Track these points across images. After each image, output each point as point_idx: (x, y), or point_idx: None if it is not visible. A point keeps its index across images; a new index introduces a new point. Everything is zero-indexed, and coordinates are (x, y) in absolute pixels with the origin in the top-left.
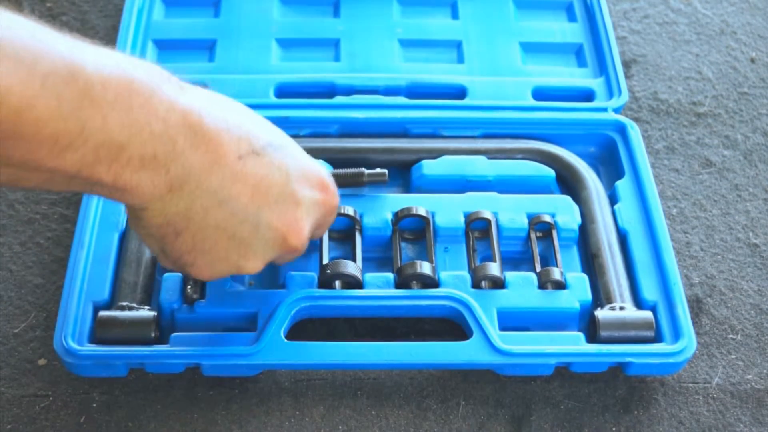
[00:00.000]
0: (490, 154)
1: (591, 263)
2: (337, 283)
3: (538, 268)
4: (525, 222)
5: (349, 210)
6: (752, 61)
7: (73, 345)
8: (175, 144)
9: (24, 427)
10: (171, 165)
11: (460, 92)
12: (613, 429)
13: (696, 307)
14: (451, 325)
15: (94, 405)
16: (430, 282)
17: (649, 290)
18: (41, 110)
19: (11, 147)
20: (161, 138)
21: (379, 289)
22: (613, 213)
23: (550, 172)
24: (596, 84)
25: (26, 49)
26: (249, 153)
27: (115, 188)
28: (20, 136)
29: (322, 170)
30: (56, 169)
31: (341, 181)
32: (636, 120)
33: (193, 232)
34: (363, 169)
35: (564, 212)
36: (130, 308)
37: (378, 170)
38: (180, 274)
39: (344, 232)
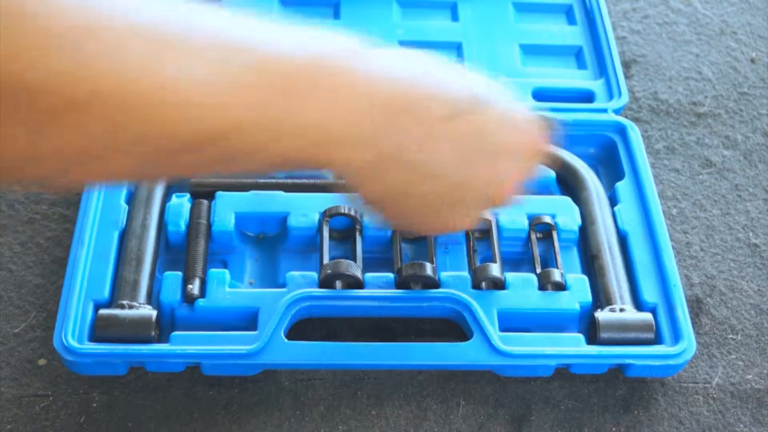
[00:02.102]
0: None
1: (591, 265)
2: (338, 283)
3: (539, 269)
4: (525, 223)
5: (350, 210)
6: (752, 61)
7: (73, 343)
8: (379, 119)
9: (24, 427)
10: (379, 140)
11: None
12: (613, 429)
13: (696, 307)
14: (452, 326)
15: (94, 405)
16: (431, 282)
17: (649, 292)
18: (240, 108)
19: (223, 148)
20: (366, 115)
21: (379, 290)
22: (613, 214)
23: (550, 173)
24: (596, 85)
25: (215, 44)
26: (449, 116)
27: (328, 165)
28: (229, 136)
29: (522, 113)
30: (264, 161)
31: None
32: (636, 120)
33: (409, 199)
34: None
35: (564, 213)
36: (131, 307)
37: None
38: (179, 273)
39: (344, 232)
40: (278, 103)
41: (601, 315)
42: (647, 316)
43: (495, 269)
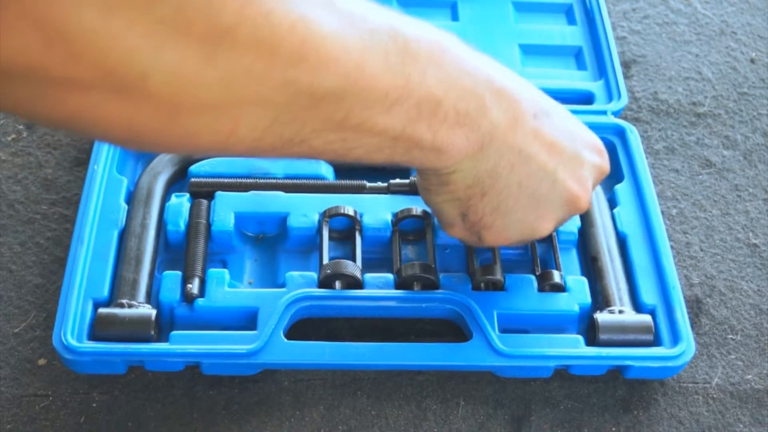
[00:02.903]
0: None
1: (590, 266)
2: (337, 283)
3: (538, 271)
4: None
5: (349, 210)
6: (752, 61)
7: (73, 342)
8: (484, 100)
9: (24, 427)
10: (481, 121)
11: None
12: (613, 429)
13: (696, 307)
14: (451, 326)
15: (94, 405)
16: (430, 283)
17: (648, 294)
18: (374, 65)
19: (350, 104)
20: (472, 94)
21: (379, 290)
22: (613, 217)
23: None
24: (596, 87)
25: (349, 2)
26: (541, 113)
27: (433, 148)
28: (359, 90)
29: (595, 135)
30: (385, 130)
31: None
32: (636, 120)
33: (499, 190)
34: (365, 182)
35: None
36: (130, 306)
37: (379, 184)
38: (179, 272)
39: (344, 232)
40: (404, 63)
41: (601, 316)
42: (646, 318)
43: (495, 270)
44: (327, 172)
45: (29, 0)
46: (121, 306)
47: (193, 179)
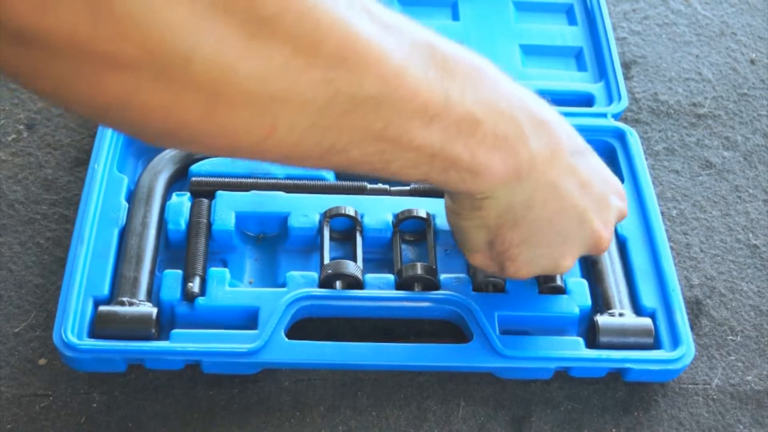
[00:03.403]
0: None
1: (591, 269)
2: (338, 283)
3: None
4: None
5: (350, 210)
6: (752, 62)
7: (73, 339)
8: (522, 127)
9: (24, 427)
10: (520, 148)
11: None
12: (613, 430)
13: (696, 308)
14: (452, 326)
15: (94, 405)
16: (431, 284)
17: (648, 297)
18: (413, 77)
19: (389, 114)
20: (510, 118)
21: (379, 290)
22: None
23: None
24: (596, 89)
25: (389, 16)
26: (576, 151)
27: (470, 169)
28: (398, 100)
29: (618, 180)
30: (423, 145)
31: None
32: (636, 121)
33: (530, 222)
34: (365, 183)
35: None
36: (131, 304)
37: (380, 186)
38: (180, 271)
39: (345, 232)
40: (443, 78)
41: (601, 319)
42: (646, 321)
43: None
44: (328, 173)
45: None
46: (122, 304)
47: (193, 178)
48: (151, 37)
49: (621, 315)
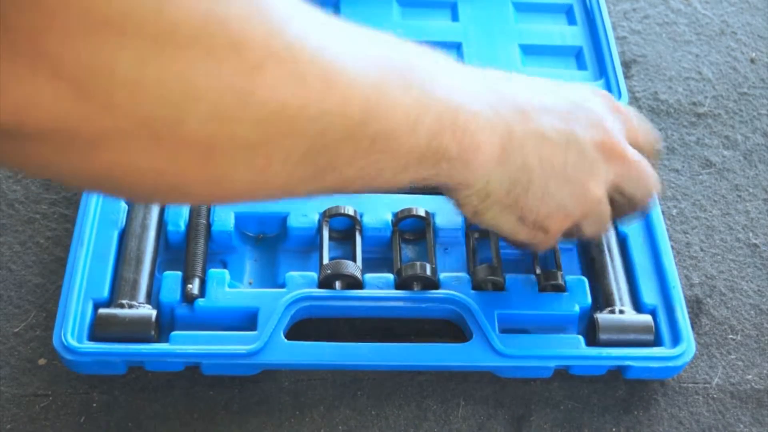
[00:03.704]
0: None
1: (590, 266)
2: (337, 283)
3: (538, 271)
4: None
5: (349, 210)
6: (752, 61)
7: (73, 342)
8: (493, 104)
9: (23, 427)
10: (497, 122)
11: None
12: (613, 429)
13: (696, 307)
14: (452, 325)
15: (94, 405)
16: (430, 283)
17: (649, 294)
18: (391, 85)
19: (375, 128)
20: (485, 97)
21: (379, 290)
22: None
23: None
24: (596, 87)
25: (353, 30)
26: (534, 95)
27: (460, 159)
28: (382, 112)
29: (598, 89)
30: (411, 149)
31: None
32: None
33: (538, 180)
34: None
35: None
36: (130, 306)
37: None
38: (179, 273)
39: (344, 232)
40: (418, 78)
41: (601, 317)
42: (647, 318)
43: (495, 270)
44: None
45: (61, 55)
46: (122, 306)
47: None
48: (142, 106)
49: (621, 312)
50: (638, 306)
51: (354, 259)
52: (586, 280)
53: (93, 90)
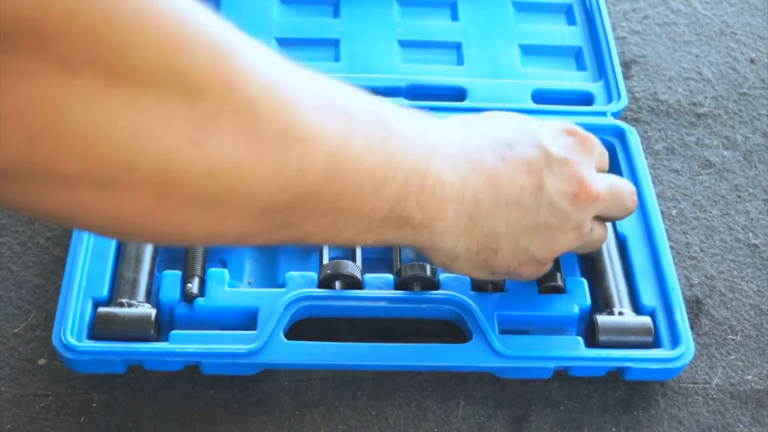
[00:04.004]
0: None
1: (590, 268)
2: (337, 283)
3: None
4: None
5: None
6: (752, 61)
7: (72, 341)
8: (462, 171)
9: (23, 427)
10: (464, 192)
11: (460, 94)
12: (613, 429)
13: (696, 307)
14: (452, 326)
15: (94, 405)
16: (430, 284)
17: (648, 296)
18: (357, 144)
19: (339, 186)
20: (453, 165)
21: (378, 290)
22: None
23: None
24: (595, 88)
25: (323, 86)
26: (503, 150)
27: (424, 224)
28: (346, 171)
29: (558, 122)
30: (374, 210)
31: None
32: (636, 121)
33: (507, 239)
34: None
35: None
36: (130, 305)
37: None
38: (179, 272)
39: None
40: (384, 138)
41: (600, 318)
42: (646, 320)
43: None
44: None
45: (15, 96)
46: (121, 305)
47: None
48: (94, 153)
49: (620, 313)
50: (637, 308)
51: (354, 259)
52: (585, 281)
53: (43, 135)
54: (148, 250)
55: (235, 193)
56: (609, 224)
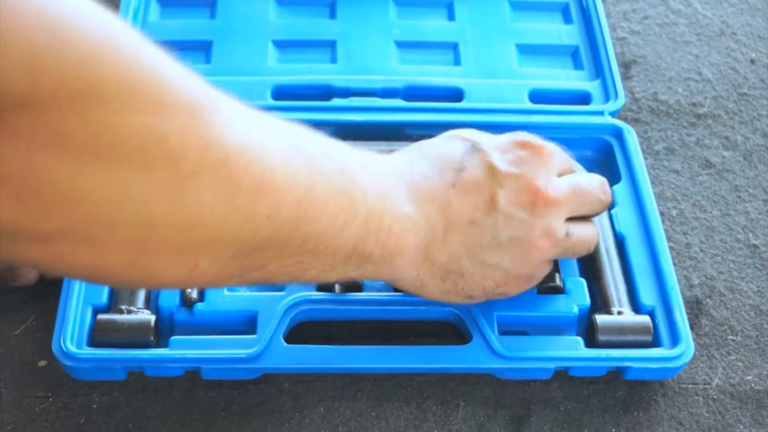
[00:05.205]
0: None
1: (589, 268)
2: (336, 286)
3: None
4: None
5: None
6: (752, 62)
7: (72, 348)
8: (415, 203)
9: (24, 429)
10: (420, 223)
11: (457, 95)
12: (613, 430)
13: (696, 308)
14: (451, 327)
15: (94, 406)
16: None
17: (647, 295)
18: (320, 190)
19: (305, 231)
20: (407, 199)
21: (378, 293)
22: (611, 217)
23: None
24: (592, 87)
25: (289, 134)
26: (453, 176)
27: (384, 260)
28: (311, 216)
29: (509, 134)
30: (336, 250)
31: None
32: (636, 121)
33: (470, 261)
34: None
35: None
36: (129, 311)
37: None
38: None
39: None
40: (344, 183)
41: (600, 318)
42: (645, 319)
43: None
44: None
45: (6, 169)
46: (121, 312)
47: None
48: (77, 213)
49: (620, 313)
50: (637, 307)
51: None
52: (584, 281)
53: (30, 198)
54: None
55: (209, 242)
56: (607, 223)
